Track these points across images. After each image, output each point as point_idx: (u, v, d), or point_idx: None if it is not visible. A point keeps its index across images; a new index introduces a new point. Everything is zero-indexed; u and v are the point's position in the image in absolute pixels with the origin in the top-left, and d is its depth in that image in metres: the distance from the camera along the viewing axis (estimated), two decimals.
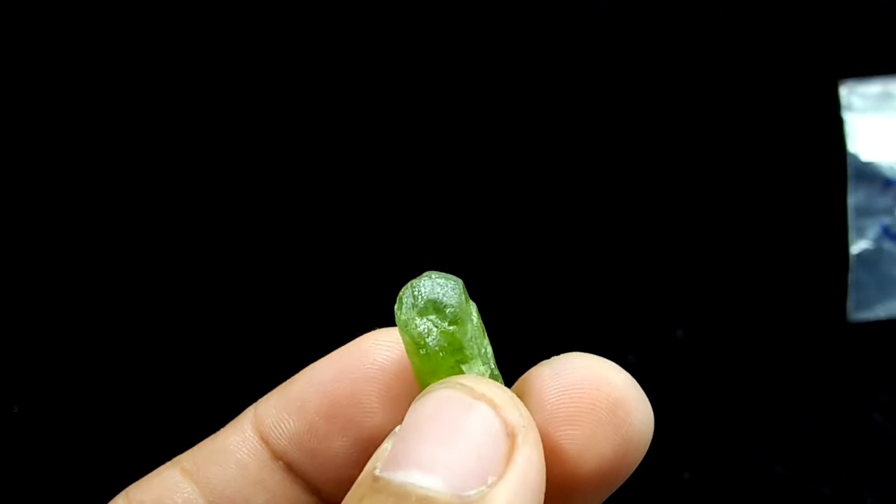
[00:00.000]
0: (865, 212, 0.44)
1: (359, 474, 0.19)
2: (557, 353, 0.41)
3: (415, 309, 0.19)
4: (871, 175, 0.44)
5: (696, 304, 0.44)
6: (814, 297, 0.44)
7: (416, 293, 0.20)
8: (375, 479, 0.18)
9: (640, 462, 0.20)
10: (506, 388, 0.19)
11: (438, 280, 0.20)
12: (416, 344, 0.19)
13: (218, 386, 0.43)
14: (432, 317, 0.19)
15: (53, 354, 0.43)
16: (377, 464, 0.18)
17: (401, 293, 0.20)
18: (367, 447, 0.20)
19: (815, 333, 0.44)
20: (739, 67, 0.45)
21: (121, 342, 0.43)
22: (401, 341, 0.20)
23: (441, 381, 0.19)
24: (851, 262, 0.44)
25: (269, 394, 0.22)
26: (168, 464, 0.22)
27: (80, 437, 0.42)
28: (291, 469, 0.21)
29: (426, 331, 0.19)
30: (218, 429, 0.22)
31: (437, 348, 0.19)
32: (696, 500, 0.40)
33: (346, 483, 0.20)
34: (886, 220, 0.44)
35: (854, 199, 0.44)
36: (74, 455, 0.42)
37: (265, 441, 0.21)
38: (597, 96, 0.45)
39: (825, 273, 0.44)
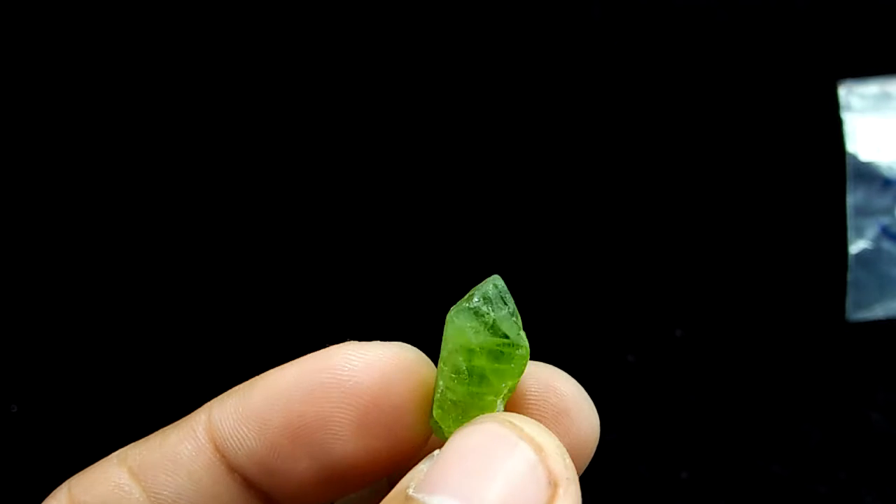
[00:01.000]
0: (864, 212, 0.44)
1: (324, 496, 0.18)
2: (556, 353, 0.41)
3: (491, 323, 0.19)
4: (869, 175, 0.44)
5: (695, 304, 0.44)
6: (813, 296, 0.44)
7: (501, 304, 0.19)
8: (408, 498, 0.17)
9: (585, 468, 0.19)
10: (554, 436, 0.18)
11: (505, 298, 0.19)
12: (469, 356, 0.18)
13: (216, 384, 0.43)
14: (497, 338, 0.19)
15: (52, 354, 0.43)
16: (411, 483, 0.17)
17: (481, 294, 0.19)
18: (336, 472, 0.19)
19: (813, 333, 0.44)
20: (738, 68, 0.45)
21: (119, 341, 0.44)
22: (377, 360, 0.19)
23: (489, 414, 0.18)
24: (850, 261, 0.44)
25: (223, 396, 0.20)
26: (113, 457, 0.20)
27: (76, 436, 0.42)
28: (249, 484, 0.20)
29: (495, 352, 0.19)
30: None
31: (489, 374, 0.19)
32: (694, 499, 0.40)
33: (311, 501, 0.19)
34: (885, 220, 0.44)
35: (853, 198, 0.44)
36: (71, 454, 0.42)
37: (221, 452, 0.20)
38: (596, 97, 0.45)
39: (824, 273, 0.44)
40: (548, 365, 0.20)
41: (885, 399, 0.42)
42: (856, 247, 0.44)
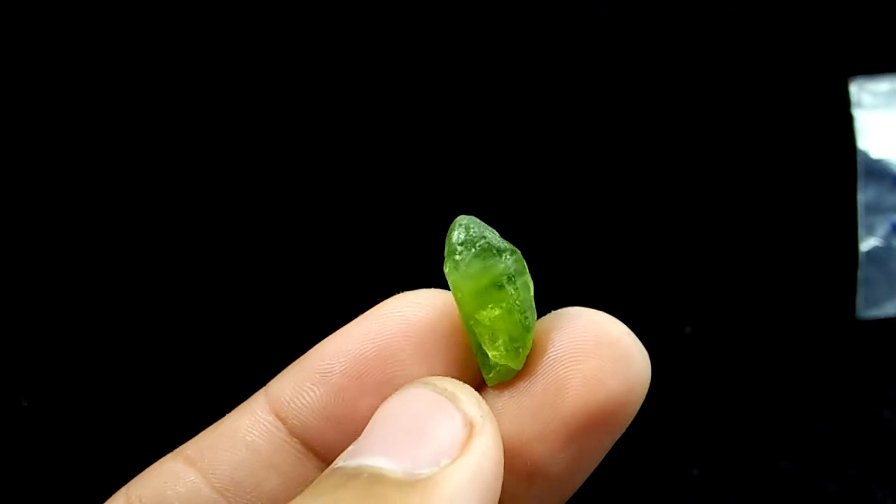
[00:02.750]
0: (875, 209, 0.44)
1: None
2: None
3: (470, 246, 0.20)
4: (880, 172, 0.44)
5: (705, 302, 0.44)
6: (823, 294, 0.44)
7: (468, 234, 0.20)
8: (333, 470, 0.18)
9: (639, 406, 0.20)
10: (469, 387, 0.19)
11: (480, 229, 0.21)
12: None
13: (223, 379, 0.43)
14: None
15: (60, 349, 0.44)
16: (338, 461, 0.18)
17: (454, 243, 0.20)
18: None
19: (824, 330, 0.44)
20: (749, 64, 0.45)
21: (128, 337, 0.44)
22: (425, 295, 0.20)
23: (413, 381, 0.19)
24: (861, 259, 0.44)
25: (279, 375, 0.21)
26: (169, 455, 0.21)
27: (86, 430, 0.42)
28: (308, 448, 0.20)
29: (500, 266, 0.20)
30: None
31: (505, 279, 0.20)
32: (705, 496, 0.40)
33: None
34: None
35: (864, 196, 0.44)
36: (81, 448, 0.42)
37: (282, 419, 0.20)
38: (605, 91, 0.45)
39: (834, 270, 0.44)
40: (598, 311, 0.20)
41: None
42: (866, 244, 0.44)
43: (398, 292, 0.21)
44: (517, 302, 0.20)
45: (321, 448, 0.20)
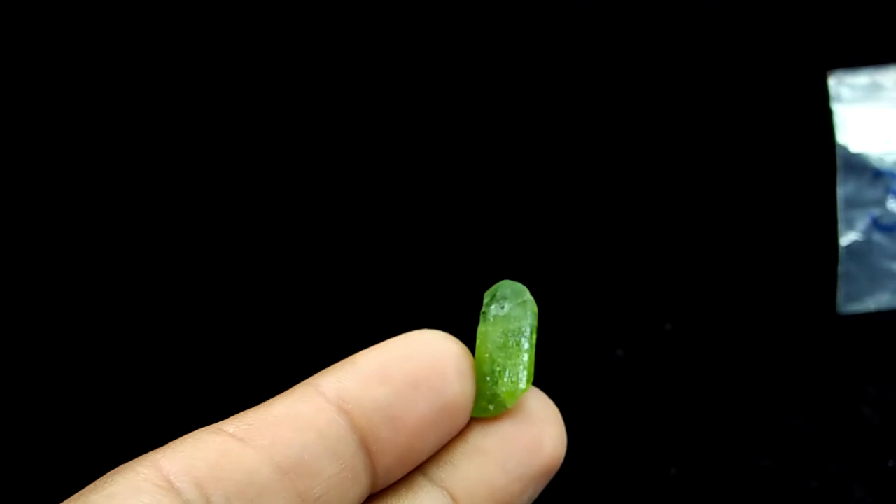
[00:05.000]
0: (855, 203, 0.44)
1: (427, 442, 0.22)
2: (544, 347, 0.40)
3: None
4: (860, 166, 0.44)
5: (685, 298, 0.44)
6: (803, 289, 0.44)
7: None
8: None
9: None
10: None
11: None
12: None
13: (217, 377, 0.43)
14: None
15: (61, 352, 0.43)
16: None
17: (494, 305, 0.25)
18: (443, 413, 0.22)
19: (804, 326, 0.43)
20: (727, 58, 0.45)
21: (127, 339, 0.43)
22: (450, 340, 0.23)
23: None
24: (841, 254, 0.44)
25: (329, 369, 0.22)
26: (204, 429, 0.20)
27: (79, 431, 0.42)
28: (362, 443, 0.21)
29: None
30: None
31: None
32: (683, 495, 0.40)
33: (413, 455, 0.22)
34: (876, 212, 0.44)
35: (843, 190, 0.44)
36: (80, 448, 0.42)
37: (346, 411, 0.21)
38: (583, 88, 0.45)
39: (814, 265, 0.44)
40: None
41: (877, 392, 0.42)
42: (846, 239, 0.44)
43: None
44: (531, 350, 0.24)
45: (374, 445, 0.22)
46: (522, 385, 0.23)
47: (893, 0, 0.45)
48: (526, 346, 0.24)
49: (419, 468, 0.23)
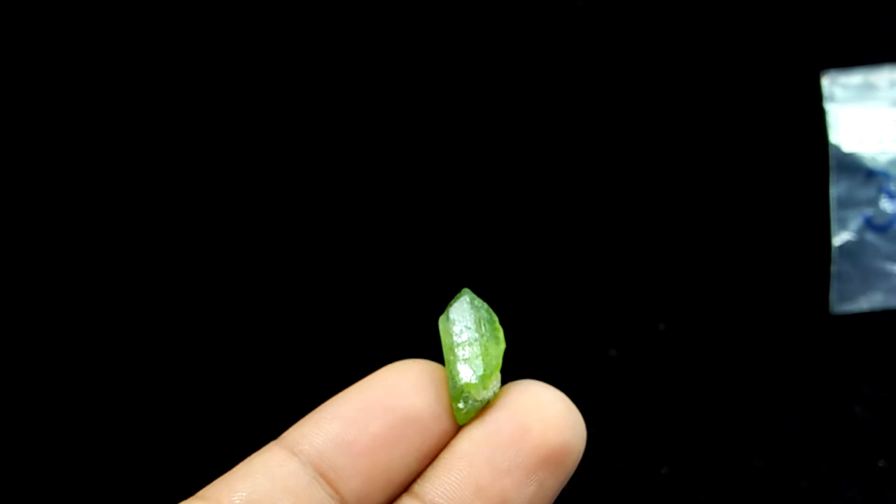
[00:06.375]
0: (847, 203, 0.44)
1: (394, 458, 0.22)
2: (537, 347, 0.40)
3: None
4: (853, 166, 0.44)
5: (678, 298, 0.44)
6: (796, 289, 0.44)
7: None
8: None
9: (580, 457, 0.23)
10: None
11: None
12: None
13: (214, 382, 0.43)
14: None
15: (61, 352, 0.43)
16: None
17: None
18: (404, 428, 0.23)
19: (797, 326, 0.43)
20: (720, 58, 0.45)
21: (126, 343, 0.43)
22: (419, 368, 0.24)
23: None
24: (834, 253, 0.44)
25: (290, 429, 0.23)
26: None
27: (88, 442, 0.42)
28: (321, 474, 0.22)
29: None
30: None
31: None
32: (674, 494, 0.40)
33: (382, 474, 0.22)
34: (869, 212, 0.44)
35: (836, 190, 0.44)
36: (81, 462, 0.42)
37: (296, 452, 0.22)
38: (577, 88, 0.45)
39: (807, 265, 0.44)
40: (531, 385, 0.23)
41: (869, 392, 0.42)
42: (839, 238, 0.44)
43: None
44: (492, 342, 0.24)
45: (331, 472, 0.22)
46: (480, 371, 0.23)
47: (887, 0, 0.45)
48: (475, 336, 0.24)
49: (408, 489, 0.23)
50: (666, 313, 0.44)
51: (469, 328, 0.24)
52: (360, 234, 0.44)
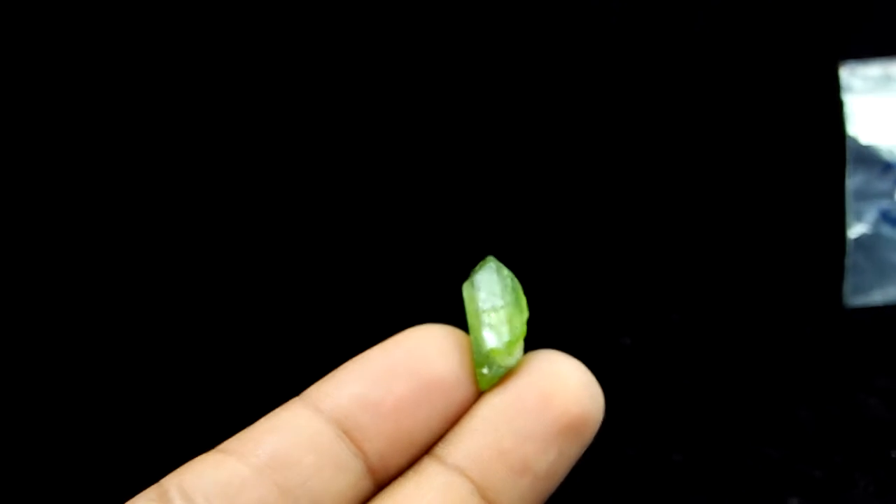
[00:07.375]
0: (864, 195, 0.44)
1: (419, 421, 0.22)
2: (551, 335, 0.41)
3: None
4: (870, 158, 0.44)
5: (693, 289, 0.44)
6: (810, 281, 0.44)
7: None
8: None
9: (598, 425, 0.24)
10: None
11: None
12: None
13: (214, 376, 0.43)
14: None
15: (60, 352, 0.43)
16: None
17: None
18: (427, 392, 0.23)
19: (811, 318, 0.43)
20: (738, 49, 0.45)
21: (125, 343, 0.43)
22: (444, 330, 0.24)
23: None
24: (849, 246, 0.44)
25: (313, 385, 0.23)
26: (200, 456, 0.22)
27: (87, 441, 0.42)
28: (345, 432, 0.22)
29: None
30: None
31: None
32: (687, 482, 0.40)
33: (406, 436, 0.22)
34: (885, 204, 0.44)
35: (852, 182, 0.44)
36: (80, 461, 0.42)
37: (321, 410, 0.22)
38: (594, 77, 0.45)
39: (822, 257, 0.44)
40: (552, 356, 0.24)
41: (883, 384, 0.42)
42: (855, 231, 0.44)
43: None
44: (517, 310, 0.24)
45: (356, 431, 0.22)
46: (506, 338, 0.23)
47: None
48: (500, 302, 0.24)
49: (429, 451, 0.23)
50: (680, 304, 0.44)
51: (495, 294, 0.24)
52: (387, 205, 0.44)
